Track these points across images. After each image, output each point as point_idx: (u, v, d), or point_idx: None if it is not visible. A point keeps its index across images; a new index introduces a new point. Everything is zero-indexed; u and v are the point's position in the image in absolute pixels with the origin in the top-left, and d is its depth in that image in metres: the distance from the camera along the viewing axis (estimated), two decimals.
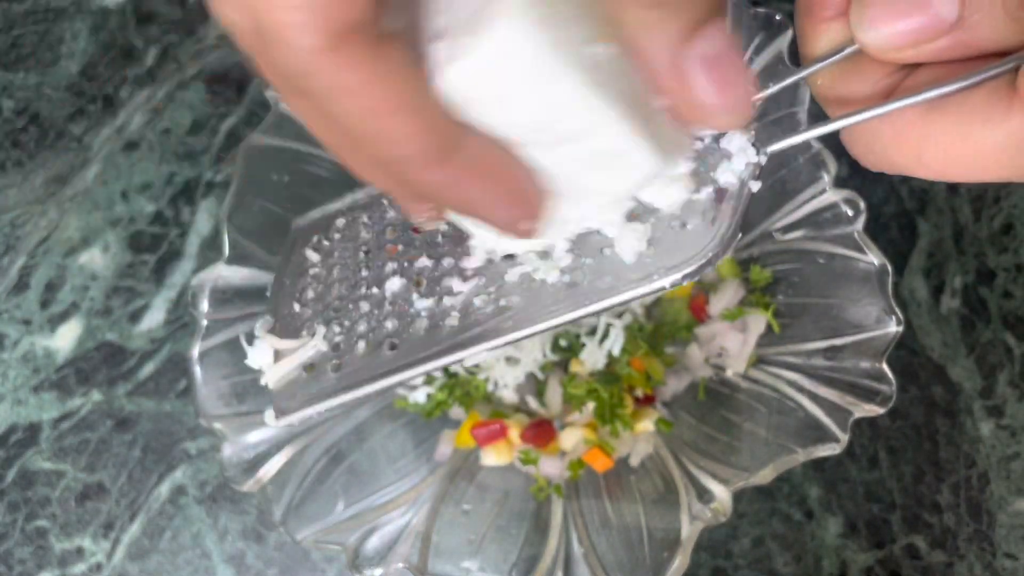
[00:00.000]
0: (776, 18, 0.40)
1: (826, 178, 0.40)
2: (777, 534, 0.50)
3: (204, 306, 0.41)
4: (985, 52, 0.21)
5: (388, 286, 0.31)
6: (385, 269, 0.32)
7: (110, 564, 0.51)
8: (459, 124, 0.22)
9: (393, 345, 0.29)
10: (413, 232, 0.32)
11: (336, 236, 0.35)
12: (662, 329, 0.48)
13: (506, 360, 0.47)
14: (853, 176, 0.53)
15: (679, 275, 0.25)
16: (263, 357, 0.31)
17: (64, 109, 0.55)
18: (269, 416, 0.30)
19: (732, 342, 0.45)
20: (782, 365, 0.43)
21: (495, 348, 0.27)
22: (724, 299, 0.46)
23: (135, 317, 0.53)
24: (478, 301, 0.28)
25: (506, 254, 0.29)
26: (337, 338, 0.30)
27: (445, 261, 0.30)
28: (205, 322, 0.41)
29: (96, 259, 0.54)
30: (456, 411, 0.48)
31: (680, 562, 0.38)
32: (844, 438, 0.38)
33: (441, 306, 0.29)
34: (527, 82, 0.21)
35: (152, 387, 0.52)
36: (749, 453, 0.41)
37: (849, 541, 0.50)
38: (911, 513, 0.50)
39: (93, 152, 0.55)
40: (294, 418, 0.29)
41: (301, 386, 0.30)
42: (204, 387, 0.41)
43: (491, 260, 0.29)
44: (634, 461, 0.45)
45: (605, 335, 0.46)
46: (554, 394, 0.47)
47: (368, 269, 0.32)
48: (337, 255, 0.34)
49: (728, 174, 0.25)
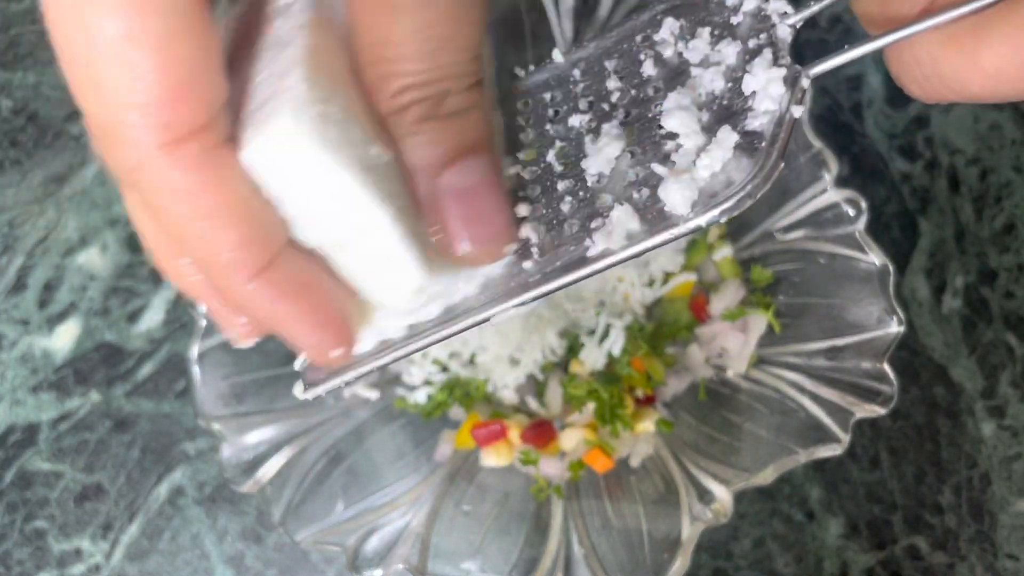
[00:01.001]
0: None
1: (827, 178, 0.40)
2: (778, 535, 0.50)
3: (203, 306, 0.41)
4: None
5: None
6: None
7: (109, 565, 0.51)
8: (284, 237, 0.22)
9: None
10: None
11: None
12: (663, 329, 0.48)
13: (513, 361, 0.47)
14: (854, 176, 0.52)
15: (717, 211, 0.23)
16: None
17: (62, 108, 0.55)
18: (298, 389, 0.28)
19: (733, 342, 0.45)
20: (783, 365, 0.43)
21: (533, 299, 0.25)
22: (725, 299, 0.46)
23: (134, 317, 0.53)
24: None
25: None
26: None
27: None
28: (204, 322, 0.41)
29: (94, 259, 0.53)
30: (456, 411, 0.48)
31: (681, 563, 0.38)
32: (845, 439, 0.38)
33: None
34: (303, 175, 0.22)
35: (151, 388, 0.52)
36: (750, 454, 0.41)
37: (850, 542, 0.50)
38: (912, 514, 0.50)
39: (91, 152, 0.54)
40: (323, 388, 0.28)
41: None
42: (203, 387, 0.41)
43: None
44: (634, 462, 0.45)
45: (605, 335, 0.46)
46: (554, 395, 0.47)
47: None
48: None
49: (767, 101, 0.23)
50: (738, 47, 0.25)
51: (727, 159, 0.23)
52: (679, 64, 0.26)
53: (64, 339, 0.53)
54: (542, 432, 0.46)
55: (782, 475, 0.39)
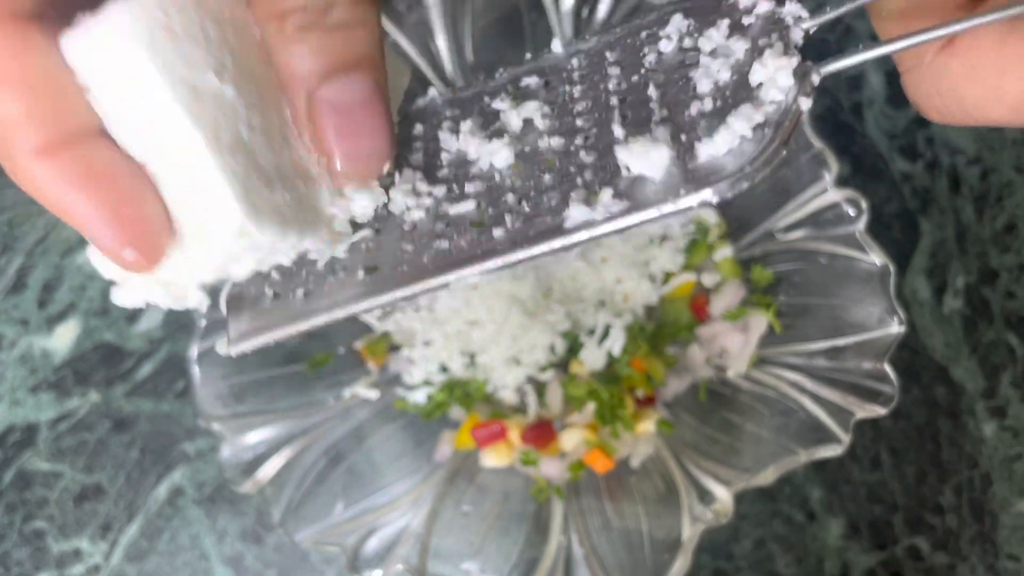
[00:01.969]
0: None
1: (828, 177, 0.40)
2: (779, 535, 0.50)
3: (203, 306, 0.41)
4: None
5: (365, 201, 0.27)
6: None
7: (108, 565, 0.51)
8: (88, 125, 0.21)
9: (369, 270, 0.26)
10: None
11: None
12: (663, 329, 0.48)
13: (513, 361, 0.47)
14: (855, 176, 0.52)
15: (709, 190, 0.22)
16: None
17: None
18: (221, 345, 0.27)
19: (733, 342, 0.45)
20: (784, 366, 0.43)
21: (499, 268, 0.24)
22: (725, 299, 0.46)
23: (133, 317, 0.53)
24: (471, 211, 0.26)
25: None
26: (311, 257, 0.27)
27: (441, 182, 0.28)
28: (203, 322, 0.41)
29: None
30: (456, 412, 0.48)
31: (681, 564, 0.38)
32: (846, 439, 0.38)
33: (432, 222, 0.26)
34: (122, 75, 0.21)
35: (150, 388, 0.52)
36: (751, 454, 0.41)
37: (851, 542, 0.50)
38: (913, 514, 0.50)
39: None
40: (248, 345, 0.26)
41: (263, 312, 0.27)
42: (202, 388, 0.41)
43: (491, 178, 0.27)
44: (635, 462, 0.45)
45: (605, 335, 0.46)
46: (554, 395, 0.47)
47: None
48: None
49: (774, 91, 0.23)
50: (747, 44, 0.24)
51: (733, 145, 0.23)
52: (684, 56, 0.25)
53: (63, 339, 0.53)
54: (542, 432, 0.46)
55: (783, 475, 0.39)
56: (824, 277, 0.42)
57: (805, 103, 0.23)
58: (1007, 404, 0.50)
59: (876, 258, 0.39)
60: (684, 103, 0.24)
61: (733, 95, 0.23)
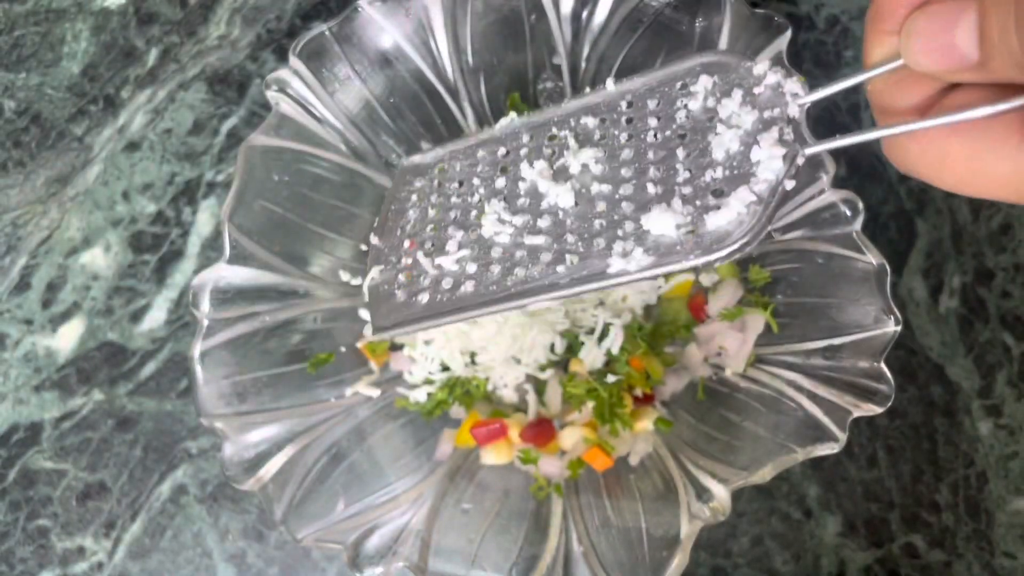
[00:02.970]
0: (775, 20, 0.40)
1: (825, 178, 0.40)
2: (776, 533, 0.50)
3: (205, 306, 0.41)
4: (1014, 82, 0.22)
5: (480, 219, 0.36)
6: (473, 211, 0.37)
7: (111, 563, 0.51)
8: None
9: (474, 283, 0.35)
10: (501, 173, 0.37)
11: (436, 178, 0.41)
12: (661, 328, 0.48)
13: (513, 360, 0.47)
14: (852, 176, 0.53)
15: (713, 256, 0.29)
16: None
17: (65, 109, 0.55)
18: (368, 330, 0.38)
19: (731, 342, 0.45)
20: (781, 365, 0.43)
21: (560, 297, 0.32)
22: (723, 299, 0.46)
23: (136, 317, 0.53)
24: (544, 255, 0.33)
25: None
26: (431, 271, 0.37)
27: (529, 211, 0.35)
28: (206, 322, 0.41)
29: (97, 259, 0.54)
30: (456, 410, 0.48)
31: (679, 561, 0.38)
32: (843, 437, 0.38)
33: (513, 249, 0.34)
34: None
35: (153, 387, 0.53)
36: (748, 452, 0.41)
37: (848, 540, 0.50)
38: (910, 512, 0.50)
39: (94, 152, 0.55)
40: (388, 335, 0.36)
41: (395, 309, 0.37)
42: (205, 387, 0.41)
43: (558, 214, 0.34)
44: (633, 460, 0.45)
45: (604, 334, 0.46)
46: (554, 394, 0.48)
47: (459, 209, 0.38)
48: (434, 197, 0.40)
49: (768, 171, 0.28)
50: (755, 115, 0.30)
51: (732, 218, 0.28)
52: (707, 116, 0.31)
53: (67, 338, 0.53)
54: (542, 431, 0.46)
55: (780, 473, 0.39)
56: (821, 277, 0.42)
57: (790, 184, 0.28)
58: (1002, 403, 0.51)
59: (873, 258, 0.39)
60: (701, 168, 0.30)
61: (739, 166, 0.29)
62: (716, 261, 0.29)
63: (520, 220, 0.35)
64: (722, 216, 0.29)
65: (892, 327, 0.38)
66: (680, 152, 0.32)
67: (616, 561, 0.40)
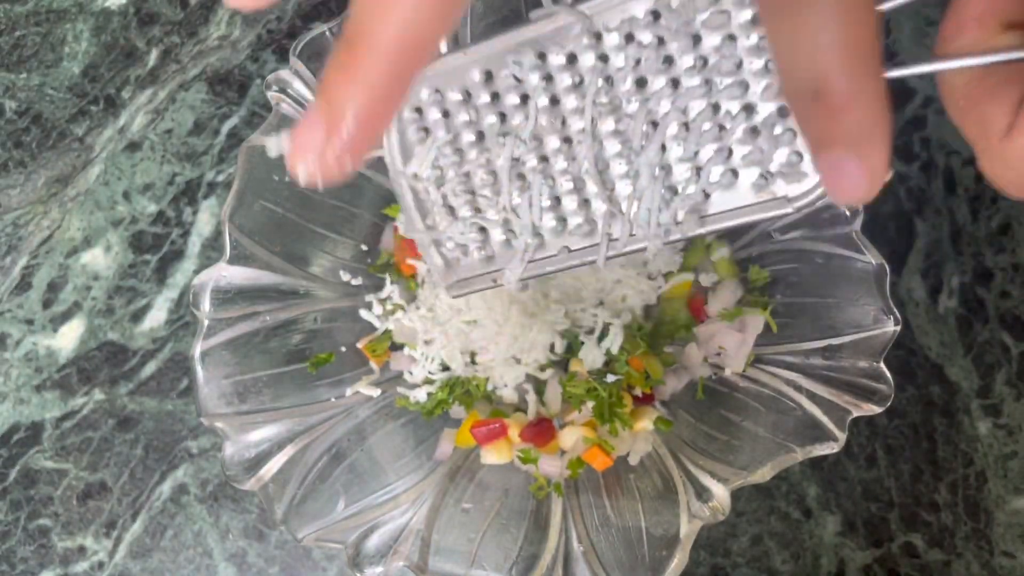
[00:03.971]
0: None
1: None
2: (775, 532, 0.50)
3: (206, 305, 0.41)
4: None
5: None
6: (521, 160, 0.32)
7: (112, 563, 0.51)
8: None
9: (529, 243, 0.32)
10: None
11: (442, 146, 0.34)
12: (661, 328, 0.48)
13: (513, 360, 0.47)
14: None
15: (794, 205, 0.27)
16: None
17: (66, 110, 0.55)
18: (444, 291, 0.36)
19: (731, 341, 0.45)
20: (780, 364, 0.43)
21: (633, 251, 0.31)
22: (722, 299, 0.46)
23: (137, 317, 0.53)
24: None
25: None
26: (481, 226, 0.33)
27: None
28: (207, 321, 0.41)
29: (98, 259, 0.54)
30: (456, 410, 0.49)
31: (679, 560, 0.38)
32: (842, 437, 0.38)
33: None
34: None
35: (154, 386, 0.53)
36: (747, 452, 0.41)
37: (847, 539, 0.50)
38: (909, 512, 0.50)
39: (95, 152, 0.55)
40: (465, 292, 0.34)
41: (460, 270, 0.34)
42: (206, 386, 0.41)
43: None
44: (633, 460, 0.46)
45: (604, 334, 0.46)
46: (554, 393, 0.48)
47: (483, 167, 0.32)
48: (454, 168, 0.33)
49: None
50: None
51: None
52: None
53: (68, 338, 0.53)
54: (542, 430, 0.46)
55: (779, 473, 0.39)
56: (820, 277, 0.42)
57: None
58: (1001, 403, 0.51)
59: (872, 258, 0.39)
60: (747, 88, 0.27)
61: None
62: (799, 209, 0.27)
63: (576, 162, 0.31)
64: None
65: (891, 327, 0.38)
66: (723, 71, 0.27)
67: (616, 560, 0.40)
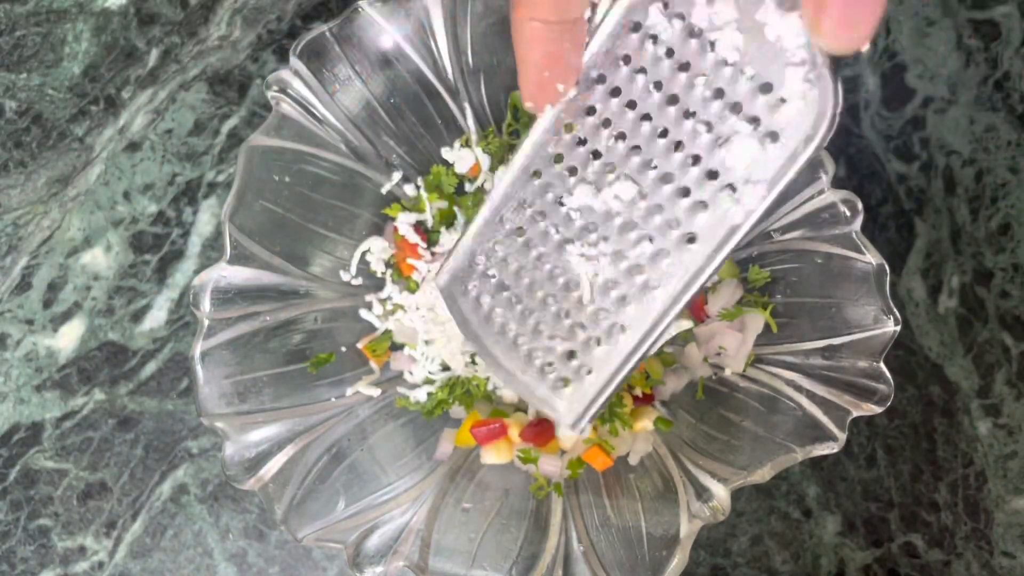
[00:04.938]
0: None
1: (824, 179, 0.40)
2: (775, 532, 0.50)
3: (206, 305, 0.41)
4: None
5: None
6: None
7: (112, 562, 0.51)
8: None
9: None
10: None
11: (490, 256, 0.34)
12: None
13: None
14: (851, 176, 0.53)
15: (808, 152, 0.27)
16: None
17: (66, 110, 0.55)
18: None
19: (730, 341, 0.45)
20: (780, 364, 0.43)
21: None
22: (722, 299, 0.46)
23: (137, 317, 0.53)
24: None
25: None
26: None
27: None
28: (207, 321, 0.41)
29: (98, 259, 0.54)
30: (456, 410, 0.49)
31: (679, 560, 0.38)
32: (842, 437, 0.38)
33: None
34: None
35: (154, 386, 0.53)
36: (747, 452, 0.41)
37: (847, 539, 0.50)
38: (909, 512, 0.50)
39: (95, 153, 0.55)
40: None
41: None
42: (206, 386, 0.41)
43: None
44: (633, 460, 0.46)
45: None
46: None
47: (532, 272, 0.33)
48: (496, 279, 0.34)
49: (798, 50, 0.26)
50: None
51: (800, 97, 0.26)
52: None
53: (68, 338, 0.53)
54: (542, 430, 0.46)
55: (779, 473, 0.39)
56: (820, 277, 0.42)
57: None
58: (1001, 403, 0.51)
59: (872, 258, 0.39)
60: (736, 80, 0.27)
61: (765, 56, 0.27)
62: (816, 151, 0.27)
63: (604, 247, 0.31)
64: (789, 110, 0.26)
65: (891, 327, 0.38)
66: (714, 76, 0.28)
67: (616, 560, 0.40)
